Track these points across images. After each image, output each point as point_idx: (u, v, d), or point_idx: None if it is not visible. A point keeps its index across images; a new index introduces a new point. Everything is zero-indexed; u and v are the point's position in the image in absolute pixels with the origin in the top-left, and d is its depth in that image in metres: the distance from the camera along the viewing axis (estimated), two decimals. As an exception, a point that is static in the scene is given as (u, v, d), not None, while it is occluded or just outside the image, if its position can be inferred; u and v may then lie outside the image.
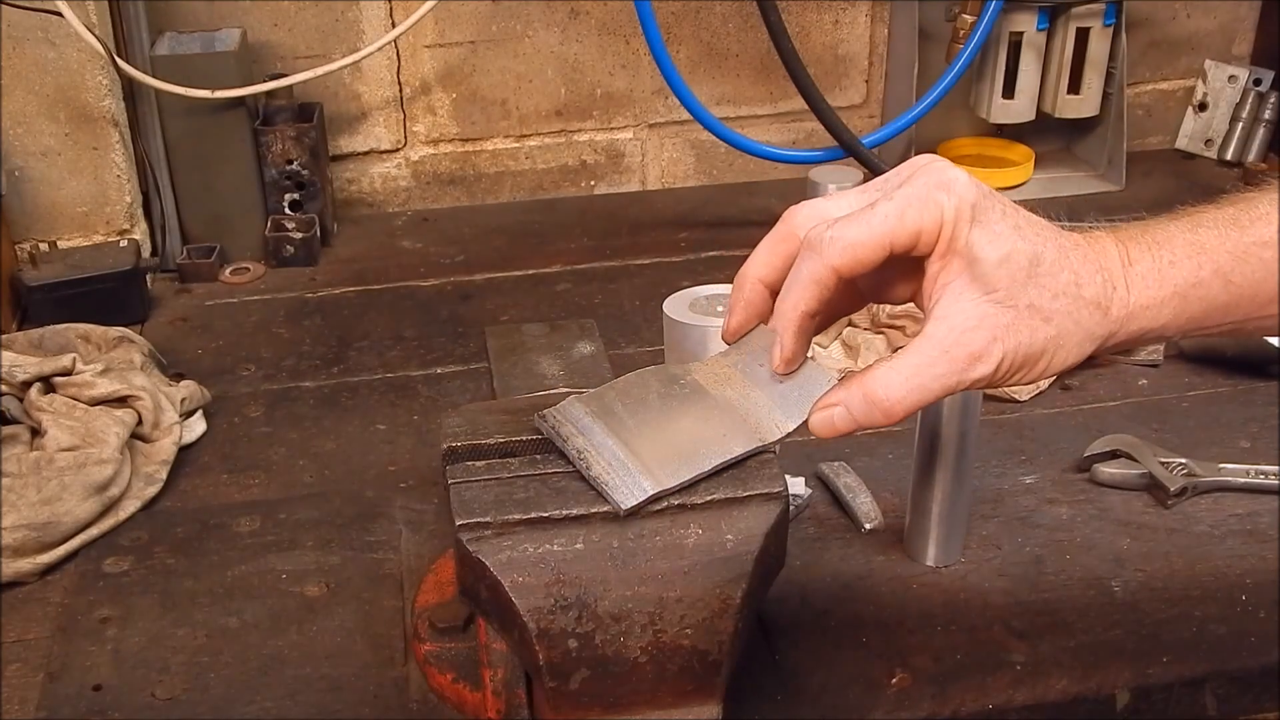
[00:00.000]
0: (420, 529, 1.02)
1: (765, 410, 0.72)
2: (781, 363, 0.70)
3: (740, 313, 0.72)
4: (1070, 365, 0.69)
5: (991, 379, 0.67)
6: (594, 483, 0.69)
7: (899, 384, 0.67)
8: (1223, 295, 0.69)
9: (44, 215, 1.40)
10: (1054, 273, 0.67)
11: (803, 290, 0.68)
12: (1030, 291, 0.66)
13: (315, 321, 1.37)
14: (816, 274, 0.67)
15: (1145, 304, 0.69)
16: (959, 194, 0.66)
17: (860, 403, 0.68)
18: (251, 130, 1.45)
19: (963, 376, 0.67)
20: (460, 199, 1.68)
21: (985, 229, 0.66)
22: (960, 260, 0.66)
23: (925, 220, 0.65)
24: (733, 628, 0.69)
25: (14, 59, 1.32)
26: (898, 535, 0.99)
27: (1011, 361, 0.67)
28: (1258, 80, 1.70)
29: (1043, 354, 0.68)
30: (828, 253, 0.66)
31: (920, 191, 0.66)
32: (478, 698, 0.82)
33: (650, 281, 1.43)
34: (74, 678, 0.88)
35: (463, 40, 1.59)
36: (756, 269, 0.71)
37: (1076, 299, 0.67)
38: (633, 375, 0.74)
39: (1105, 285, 0.68)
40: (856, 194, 0.70)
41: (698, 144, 1.71)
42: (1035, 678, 0.87)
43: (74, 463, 1.01)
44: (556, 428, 0.71)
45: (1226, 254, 0.69)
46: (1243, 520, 1.02)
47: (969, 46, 1.48)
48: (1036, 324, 0.67)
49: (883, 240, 0.66)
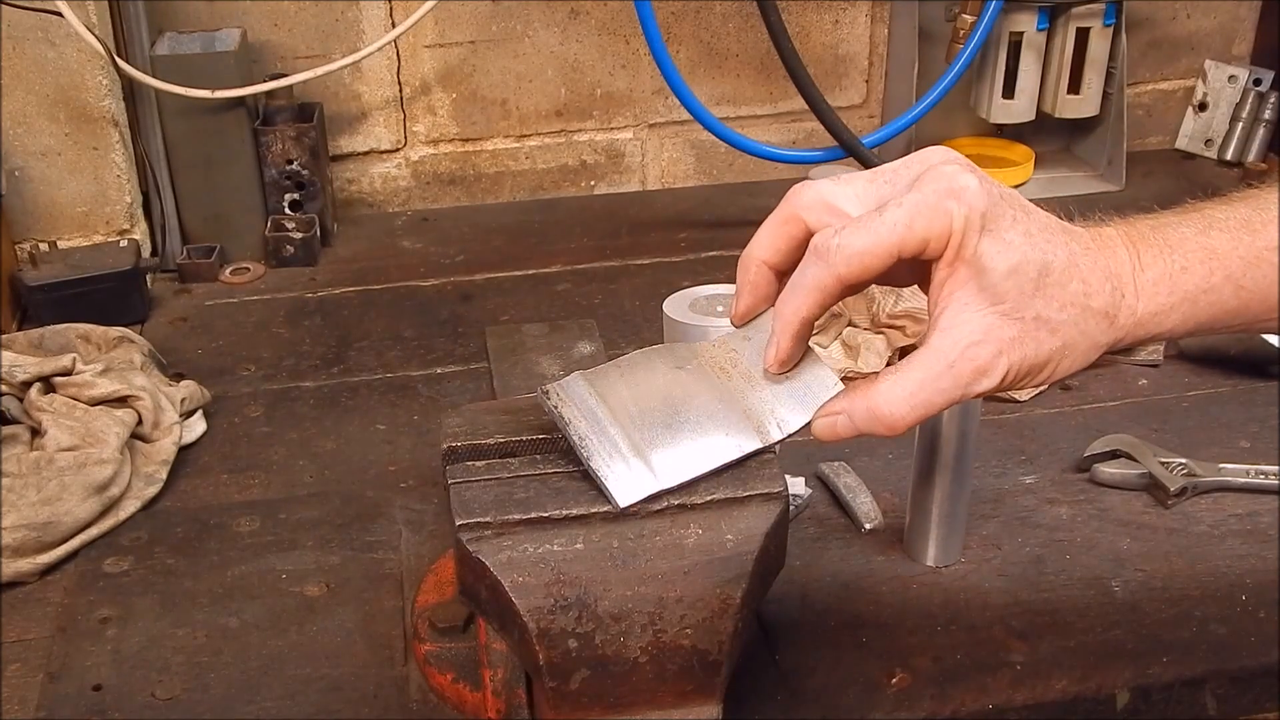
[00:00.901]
0: (420, 529, 1.02)
1: (769, 408, 0.71)
2: (776, 364, 0.70)
3: (747, 296, 0.72)
4: (1075, 372, 0.69)
5: (996, 389, 0.68)
6: (593, 474, 0.69)
7: (903, 399, 0.67)
8: (1232, 301, 0.69)
9: (44, 215, 1.40)
10: (1063, 283, 0.67)
11: (805, 296, 0.67)
12: (1038, 303, 0.66)
13: (315, 321, 1.37)
14: (821, 281, 0.67)
15: (1154, 311, 0.69)
16: (969, 202, 0.65)
17: (864, 415, 0.68)
18: (251, 130, 1.45)
19: (967, 390, 0.67)
20: (460, 199, 1.68)
21: (995, 238, 0.65)
22: (968, 269, 0.65)
23: (934, 229, 0.65)
24: (733, 628, 0.69)
25: (14, 59, 1.32)
26: (898, 535, 0.99)
27: (1016, 374, 0.67)
28: (1258, 80, 1.70)
29: (1047, 364, 0.68)
30: (834, 261, 0.66)
31: (930, 199, 0.65)
32: (478, 698, 0.82)
33: (650, 281, 1.43)
34: (74, 678, 0.88)
35: (463, 40, 1.59)
36: (760, 251, 0.71)
37: (1085, 309, 0.67)
38: (638, 354, 0.73)
39: (1114, 294, 0.68)
40: (864, 181, 0.69)
41: (698, 144, 1.71)
42: (1035, 678, 0.87)
43: (74, 463, 1.01)
44: (559, 407, 0.70)
45: (1239, 260, 0.68)
46: (1243, 520, 1.02)
47: (969, 46, 1.48)
48: (1043, 336, 0.67)
49: (890, 249, 0.65)
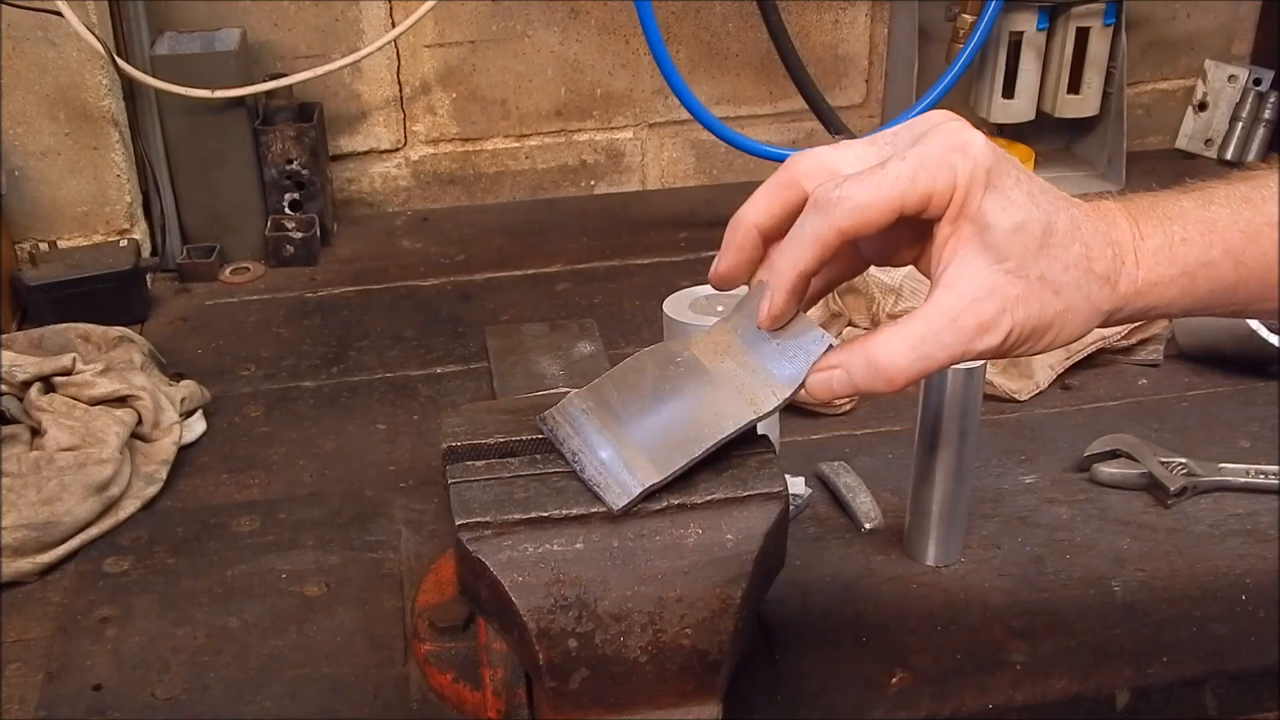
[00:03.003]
0: (420, 529, 1.02)
1: (762, 378, 0.70)
2: (768, 318, 0.68)
3: (731, 256, 0.69)
4: (1075, 338, 0.68)
5: (998, 350, 0.66)
6: (588, 484, 0.69)
7: (904, 351, 0.64)
8: (1232, 276, 0.68)
9: (44, 215, 1.40)
10: (1065, 244, 0.65)
11: (804, 248, 0.65)
12: (1042, 262, 0.65)
13: (315, 321, 1.37)
14: (820, 233, 0.64)
15: (1154, 281, 0.67)
16: (974, 157, 0.63)
17: (862, 368, 0.65)
18: (251, 130, 1.45)
19: (969, 347, 0.65)
20: (460, 199, 1.68)
21: (999, 195, 0.64)
22: (972, 226, 0.64)
23: (938, 183, 0.63)
24: (733, 628, 0.69)
25: (14, 59, 1.32)
26: (898, 535, 0.99)
27: (1020, 334, 0.65)
28: (1258, 80, 1.69)
29: (1050, 327, 0.66)
30: (835, 213, 0.64)
31: (934, 152, 0.64)
32: (478, 698, 0.82)
33: (650, 281, 1.43)
34: (74, 678, 0.88)
35: (463, 40, 1.59)
36: (754, 214, 0.68)
37: (1087, 272, 0.66)
38: (630, 360, 0.73)
39: (1115, 260, 0.67)
40: (864, 145, 0.68)
41: (698, 144, 1.71)
42: (1035, 678, 0.87)
43: (74, 462, 1.01)
44: (554, 429, 0.71)
45: (1239, 234, 0.67)
46: (1243, 520, 1.01)
47: (969, 46, 1.48)
48: (1047, 297, 0.65)
49: (893, 203, 0.63)
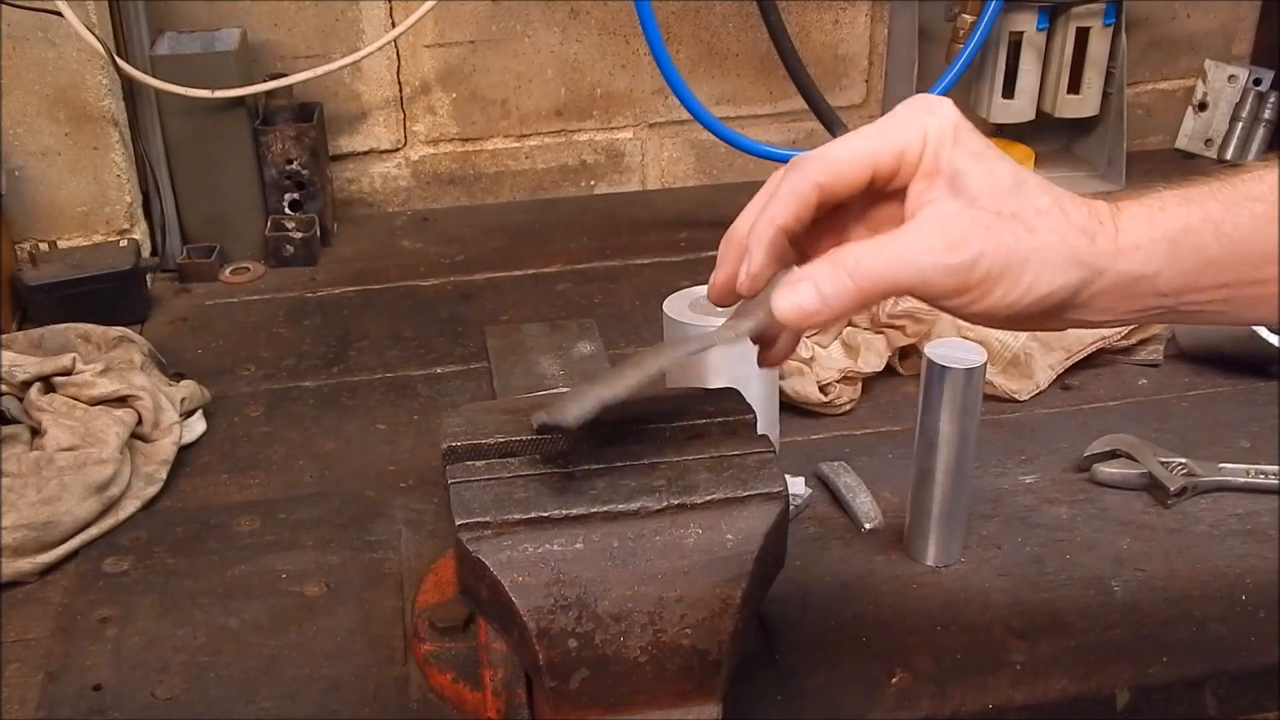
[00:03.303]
0: (420, 529, 1.02)
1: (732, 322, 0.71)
2: (748, 278, 0.68)
3: (728, 266, 0.70)
4: (1055, 291, 0.65)
5: (969, 282, 0.64)
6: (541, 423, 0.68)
7: (874, 255, 0.64)
8: (1214, 246, 0.67)
9: (44, 215, 1.40)
10: (1037, 194, 0.66)
11: (781, 204, 0.67)
12: (1013, 201, 0.65)
13: (315, 321, 1.37)
14: (796, 187, 0.66)
15: (1135, 243, 0.67)
16: (942, 115, 0.66)
17: (829, 275, 0.64)
18: (251, 130, 1.45)
19: (939, 259, 0.64)
20: (460, 199, 1.68)
21: (968, 150, 0.66)
22: (943, 178, 0.65)
23: (909, 137, 0.66)
24: (733, 628, 0.69)
25: (14, 59, 1.32)
26: (898, 535, 0.99)
27: (991, 263, 0.64)
28: (1258, 80, 1.69)
29: (1025, 263, 0.64)
30: (810, 168, 0.66)
31: (903, 112, 0.67)
32: (478, 698, 0.82)
33: (650, 281, 1.43)
34: (74, 678, 0.88)
35: (463, 40, 1.59)
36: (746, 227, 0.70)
37: (1061, 218, 0.66)
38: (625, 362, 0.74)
39: (1092, 219, 0.66)
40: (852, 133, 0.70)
41: (698, 144, 1.71)
42: (1035, 678, 0.87)
43: (74, 462, 1.01)
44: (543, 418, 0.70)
45: (1217, 204, 0.67)
46: (1243, 520, 1.01)
47: (969, 46, 1.48)
48: (1020, 231, 0.64)
49: (866, 158, 0.66)
